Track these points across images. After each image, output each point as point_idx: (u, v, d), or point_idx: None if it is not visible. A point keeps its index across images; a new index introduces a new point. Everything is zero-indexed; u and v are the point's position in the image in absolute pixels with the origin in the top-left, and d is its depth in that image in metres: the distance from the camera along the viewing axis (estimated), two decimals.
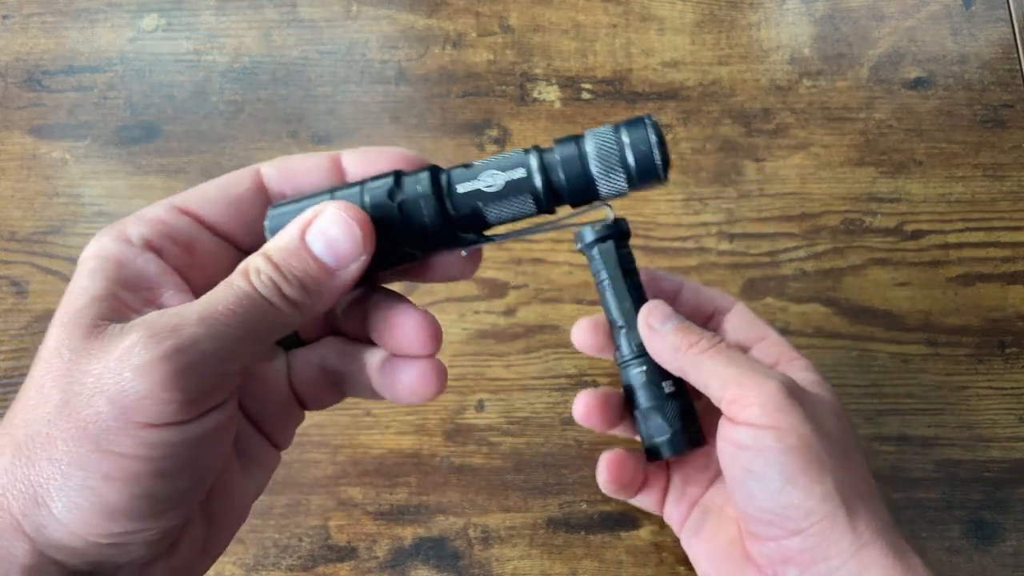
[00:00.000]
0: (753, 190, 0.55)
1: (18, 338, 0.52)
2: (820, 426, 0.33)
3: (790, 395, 0.33)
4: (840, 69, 0.58)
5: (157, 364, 0.23)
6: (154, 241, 0.28)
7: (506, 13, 0.60)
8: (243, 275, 0.26)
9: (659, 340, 0.37)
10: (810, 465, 0.32)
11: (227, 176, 0.30)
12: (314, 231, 0.26)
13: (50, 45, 0.59)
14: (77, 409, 0.24)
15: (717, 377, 0.35)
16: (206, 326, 0.24)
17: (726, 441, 0.34)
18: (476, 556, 0.48)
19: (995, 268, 0.53)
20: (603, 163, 0.27)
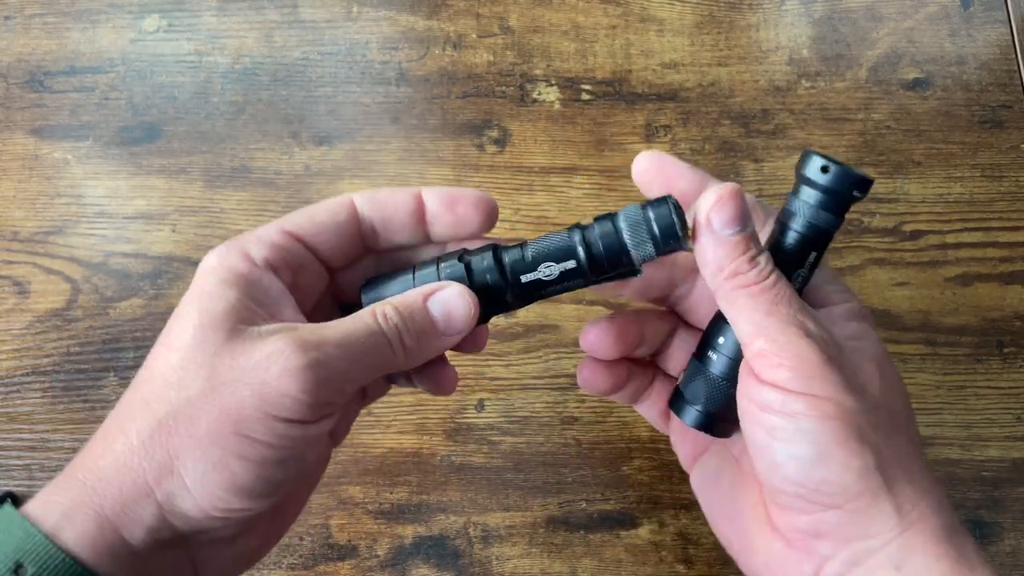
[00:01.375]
0: (752, 190, 0.55)
1: (20, 338, 0.52)
2: (863, 393, 0.30)
3: (828, 360, 0.29)
4: (839, 70, 0.59)
5: (301, 370, 0.27)
6: (273, 262, 0.31)
7: (506, 14, 0.60)
8: (373, 315, 0.30)
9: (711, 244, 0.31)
10: (849, 438, 0.29)
11: (327, 204, 0.33)
12: (437, 299, 0.31)
13: (52, 46, 0.59)
14: (222, 395, 0.27)
15: (748, 322, 0.31)
16: (343, 350, 0.29)
17: (749, 399, 0.31)
18: (476, 555, 0.48)
19: (993, 268, 0.54)
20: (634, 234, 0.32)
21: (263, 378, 0.27)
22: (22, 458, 0.50)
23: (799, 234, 0.32)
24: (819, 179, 0.31)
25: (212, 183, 0.56)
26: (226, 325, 0.29)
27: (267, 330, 0.29)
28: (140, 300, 0.53)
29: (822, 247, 0.32)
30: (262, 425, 0.27)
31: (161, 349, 0.29)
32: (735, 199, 0.31)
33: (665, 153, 0.35)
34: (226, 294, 0.29)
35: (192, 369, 0.28)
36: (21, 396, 0.51)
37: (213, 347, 0.28)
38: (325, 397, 0.28)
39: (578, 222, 0.33)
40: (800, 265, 0.32)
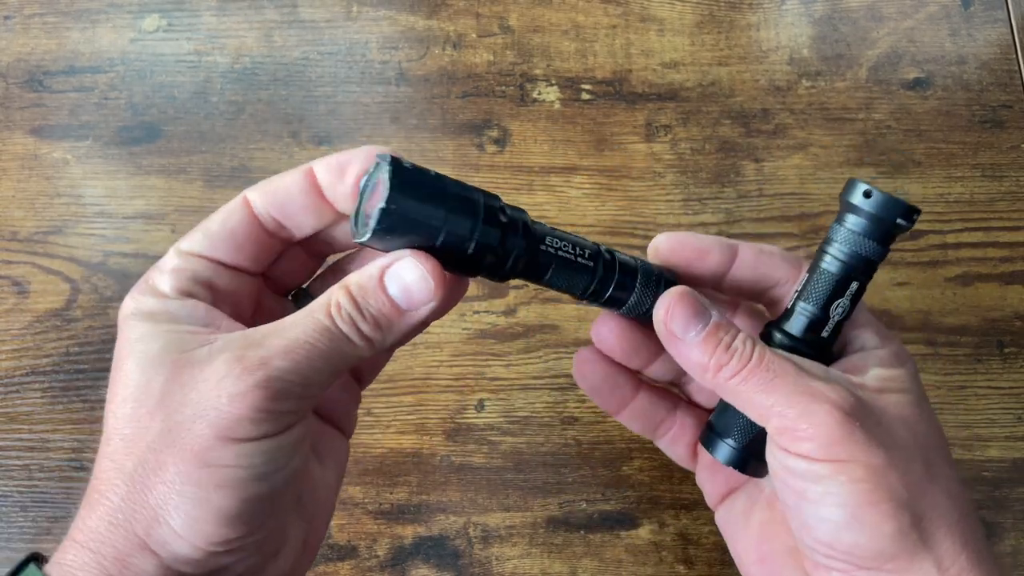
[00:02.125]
0: (752, 190, 0.55)
1: (19, 338, 0.52)
2: (892, 447, 0.29)
3: (848, 420, 0.28)
4: (839, 70, 0.59)
5: (249, 393, 0.26)
6: (183, 288, 0.30)
7: (506, 14, 0.60)
8: (325, 309, 0.28)
9: (682, 352, 0.31)
10: (880, 500, 0.28)
11: (222, 211, 0.32)
12: (393, 274, 0.28)
13: (51, 46, 0.59)
14: (180, 435, 0.27)
15: (754, 406, 0.30)
16: (290, 360, 0.27)
17: (777, 463, 0.30)
18: (476, 555, 0.48)
19: (993, 268, 0.54)
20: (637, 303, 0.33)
21: (215, 406, 0.26)
22: (21, 458, 0.50)
23: (840, 262, 0.31)
24: (863, 205, 0.31)
25: (212, 183, 0.55)
26: (166, 360, 0.28)
27: (212, 351, 0.28)
28: None
29: (865, 277, 0.32)
30: (227, 451, 0.27)
31: (110, 407, 0.28)
32: (682, 302, 0.31)
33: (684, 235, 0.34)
34: (155, 331, 0.28)
35: (145, 416, 0.27)
36: (20, 396, 0.51)
37: (159, 387, 0.27)
38: (283, 408, 0.27)
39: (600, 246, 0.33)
40: (840, 295, 0.31)
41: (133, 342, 0.29)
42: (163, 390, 0.27)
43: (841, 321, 0.32)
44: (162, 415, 0.27)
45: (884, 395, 0.30)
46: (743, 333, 0.31)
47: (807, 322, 0.32)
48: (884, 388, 0.31)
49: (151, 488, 0.27)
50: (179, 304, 0.30)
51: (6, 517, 0.48)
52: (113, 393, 0.28)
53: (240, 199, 0.31)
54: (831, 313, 0.31)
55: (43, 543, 0.48)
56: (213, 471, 0.27)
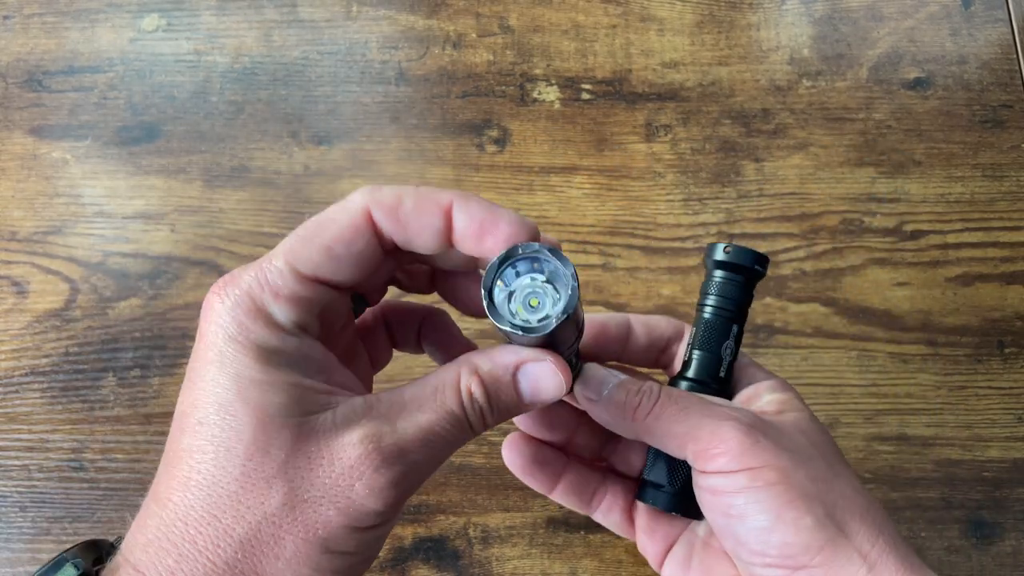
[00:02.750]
0: (752, 190, 0.55)
1: (19, 338, 0.52)
2: (795, 451, 0.32)
3: (751, 431, 0.32)
4: (839, 69, 0.58)
5: (388, 487, 0.26)
6: (303, 323, 0.27)
7: (506, 14, 0.60)
8: (456, 396, 0.28)
9: (603, 410, 0.34)
10: (794, 498, 0.31)
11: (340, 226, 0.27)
12: (527, 372, 0.29)
13: (51, 45, 0.59)
14: (305, 514, 0.26)
15: (671, 437, 0.33)
16: (427, 451, 0.27)
17: (701, 489, 0.33)
18: (476, 555, 0.48)
19: (994, 268, 0.54)
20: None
21: (348, 495, 0.26)
22: (20, 458, 0.50)
23: (718, 308, 0.37)
24: (724, 258, 0.36)
25: (211, 183, 0.55)
26: (288, 423, 0.26)
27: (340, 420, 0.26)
28: (139, 300, 0.53)
29: (742, 320, 0.37)
30: (351, 539, 0.26)
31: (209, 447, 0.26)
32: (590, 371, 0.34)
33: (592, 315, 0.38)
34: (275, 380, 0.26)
35: (262, 481, 0.25)
36: (20, 396, 0.51)
37: (282, 454, 0.25)
38: (406, 497, 0.28)
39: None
40: (726, 337, 0.37)
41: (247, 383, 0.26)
42: (287, 460, 0.26)
43: (731, 361, 0.37)
44: (285, 487, 0.26)
45: (780, 414, 0.34)
46: (648, 381, 0.34)
47: (704, 364, 0.37)
48: (779, 409, 0.34)
49: (262, 559, 0.26)
50: (297, 344, 0.27)
51: (5, 517, 0.48)
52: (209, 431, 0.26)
53: (363, 217, 0.28)
54: (723, 354, 0.37)
55: (42, 543, 0.48)
56: (333, 557, 0.26)
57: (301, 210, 0.55)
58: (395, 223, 0.28)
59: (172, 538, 0.26)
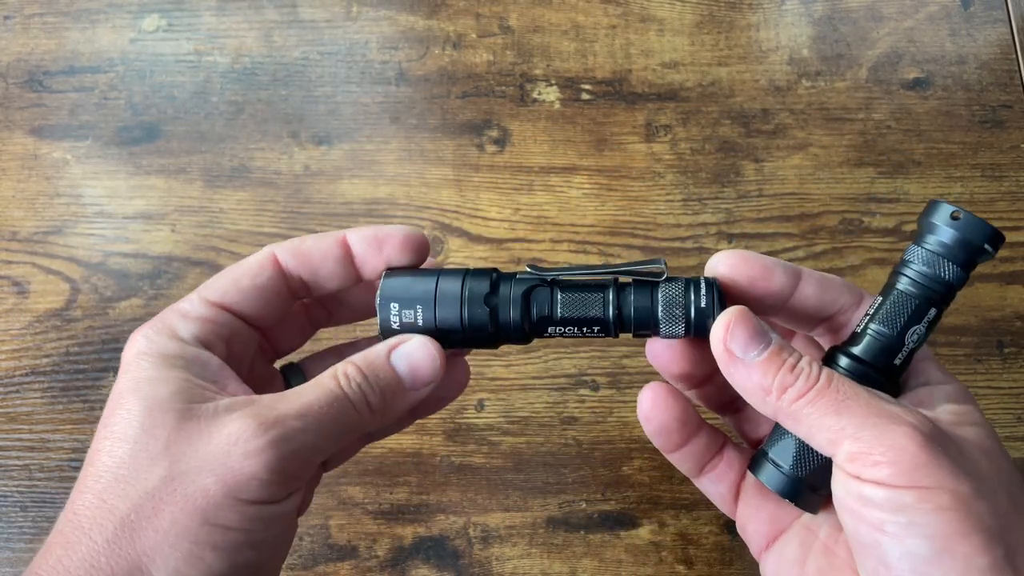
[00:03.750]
0: (752, 190, 0.55)
1: (19, 338, 0.52)
2: (977, 477, 0.27)
3: (929, 445, 0.26)
4: (839, 70, 0.59)
5: (264, 450, 0.27)
6: (204, 339, 0.30)
7: (506, 14, 0.60)
8: (334, 378, 0.29)
9: (742, 374, 0.29)
10: (971, 530, 0.26)
11: (247, 264, 0.32)
12: (400, 353, 0.30)
13: (51, 46, 0.59)
14: (184, 485, 0.26)
15: (823, 429, 0.28)
16: (304, 421, 0.28)
17: (848, 494, 0.28)
18: (476, 555, 0.48)
19: (993, 268, 0.54)
20: (668, 313, 0.31)
21: (226, 463, 0.26)
22: (21, 458, 0.50)
23: (920, 286, 0.30)
24: (949, 227, 0.29)
25: (212, 183, 0.55)
26: (175, 408, 0.27)
27: (222, 407, 0.28)
28: (139, 300, 0.53)
29: (944, 304, 0.30)
30: (232, 511, 0.26)
31: (105, 443, 0.27)
32: (743, 320, 0.29)
33: (747, 252, 0.32)
34: (167, 376, 0.28)
35: (146, 459, 0.27)
36: (20, 396, 0.51)
37: (165, 433, 0.27)
38: (293, 472, 0.28)
39: (616, 277, 0.32)
40: (918, 320, 0.30)
41: (140, 381, 0.28)
42: (170, 438, 0.27)
43: (914, 350, 0.30)
44: (166, 462, 0.27)
45: (960, 428, 0.29)
46: (807, 356, 0.29)
47: (880, 347, 0.30)
48: (959, 421, 0.29)
49: (141, 533, 0.26)
50: (196, 353, 0.30)
51: (6, 517, 0.48)
52: (109, 429, 0.28)
53: (268, 256, 0.32)
54: (906, 340, 0.30)
55: (42, 543, 0.48)
56: (213, 530, 0.26)
57: (301, 210, 0.55)
58: (297, 257, 0.32)
59: (64, 530, 0.27)
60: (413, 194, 0.55)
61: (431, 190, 0.55)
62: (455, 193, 0.55)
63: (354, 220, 0.54)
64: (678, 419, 0.33)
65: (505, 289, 0.32)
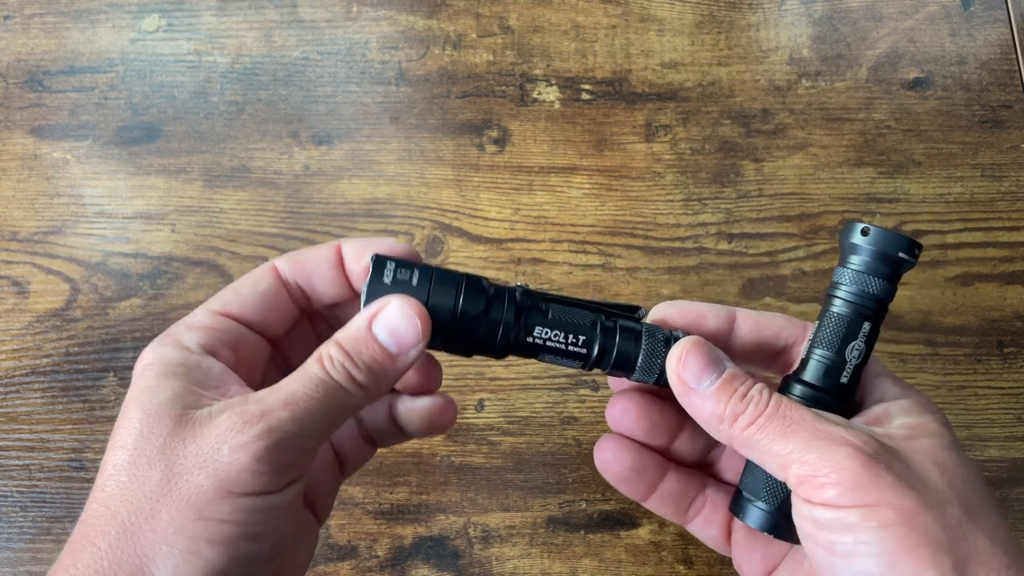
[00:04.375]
0: (752, 190, 0.55)
1: (19, 338, 0.52)
2: (924, 489, 0.27)
3: (873, 462, 0.27)
4: (839, 70, 0.59)
5: (251, 443, 0.27)
6: (208, 346, 0.31)
7: (506, 14, 0.60)
8: (318, 362, 0.29)
9: (696, 404, 0.30)
10: (917, 544, 0.26)
11: (250, 275, 0.33)
12: (379, 321, 0.30)
13: (51, 46, 0.59)
14: (178, 485, 0.27)
15: (773, 455, 0.29)
16: (289, 410, 0.28)
17: (802, 517, 0.29)
18: (476, 555, 0.48)
19: (993, 268, 0.54)
20: (647, 361, 0.32)
21: (215, 459, 0.27)
22: (21, 458, 0.50)
23: (849, 303, 0.31)
24: (863, 243, 0.30)
25: (211, 183, 0.55)
26: (172, 413, 0.28)
27: (216, 409, 0.28)
28: (139, 300, 0.53)
29: (877, 317, 0.31)
30: (225, 505, 0.27)
31: (110, 454, 0.28)
32: (695, 351, 0.30)
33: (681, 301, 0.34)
34: (166, 384, 0.29)
35: (144, 464, 0.27)
36: (20, 396, 0.51)
37: (161, 438, 0.28)
38: (283, 461, 0.28)
39: (604, 309, 0.33)
40: (854, 336, 0.31)
41: (142, 391, 0.29)
42: (164, 441, 0.28)
43: (859, 365, 0.31)
44: (162, 465, 0.27)
45: (912, 441, 0.29)
46: (759, 383, 0.30)
47: (824, 368, 0.31)
48: (912, 435, 0.29)
49: (141, 536, 0.27)
50: (198, 359, 0.30)
51: (6, 517, 0.48)
52: (114, 440, 0.29)
53: (268, 267, 0.33)
54: (847, 356, 0.31)
55: (42, 543, 0.48)
56: (208, 524, 0.27)
57: (301, 210, 0.55)
58: (294, 265, 0.33)
59: (72, 540, 0.28)
60: (413, 194, 0.55)
61: (431, 190, 0.55)
62: (455, 193, 0.55)
63: (354, 220, 0.54)
64: (632, 468, 0.34)
65: (497, 305, 0.32)
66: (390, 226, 0.54)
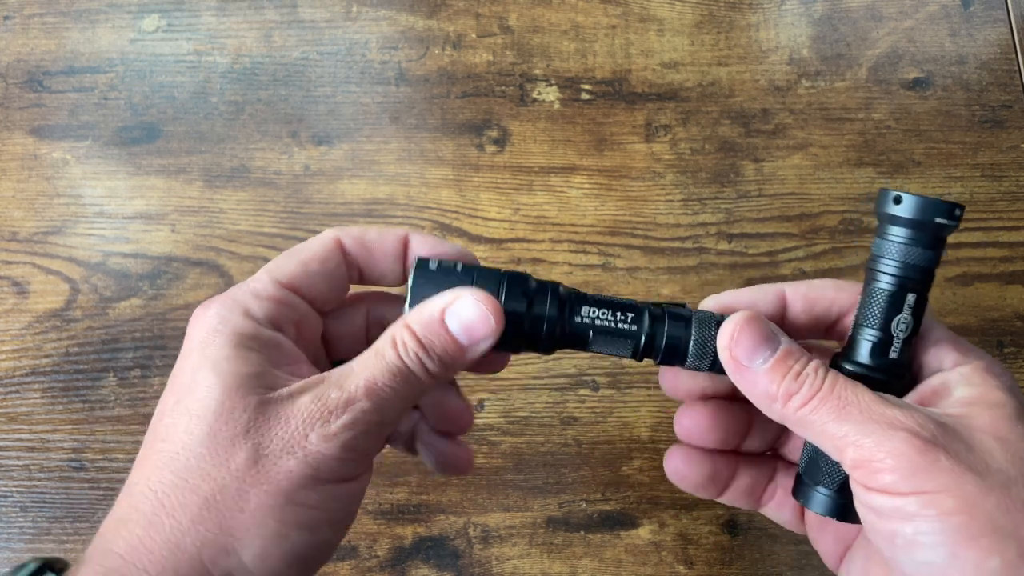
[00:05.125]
0: (752, 190, 0.55)
1: (19, 338, 0.52)
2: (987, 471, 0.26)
3: (930, 447, 0.26)
4: (839, 70, 0.59)
5: (340, 432, 0.27)
6: (276, 320, 0.30)
7: (506, 14, 0.60)
8: (392, 347, 0.29)
9: (748, 381, 0.29)
10: (980, 533, 0.25)
11: (316, 249, 0.32)
12: (452, 312, 0.30)
13: (51, 46, 0.59)
14: (267, 468, 0.27)
15: (827, 437, 0.28)
16: (372, 400, 0.28)
17: (861, 505, 0.28)
18: (476, 555, 0.48)
19: (993, 268, 0.54)
20: (698, 349, 0.31)
21: (304, 446, 0.27)
22: (21, 458, 0.50)
23: (889, 275, 0.30)
24: (898, 212, 0.29)
25: (211, 183, 0.55)
26: (256, 392, 0.28)
27: (296, 390, 0.28)
28: (139, 300, 0.53)
29: (921, 287, 0.30)
30: (314, 491, 0.27)
31: (182, 419, 0.28)
32: (749, 327, 0.29)
33: (727, 292, 0.33)
34: (246, 358, 0.28)
35: (226, 441, 0.27)
36: (20, 396, 0.51)
37: (245, 416, 0.27)
38: (365, 449, 0.29)
39: (650, 302, 0.32)
40: (898, 310, 0.30)
41: (217, 360, 0.28)
42: (250, 421, 0.27)
43: (908, 338, 0.30)
44: (250, 445, 0.27)
45: (973, 415, 0.28)
46: (815, 360, 0.29)
47: (871, 346, 0.30)
48: (971, 410, 0.28)
49: (228, 514, 0.27)
50: (271, 335, 0.30)
51: (6, 517, 0.48)
52: (184, 405, 0.28)
53: (334, 241, 0.32)
54: (894, 331, 0.30)
55: (42, 543, 0.48)
56: (298, 510, 0.27)
57: (301, 210, 0.55)
58: (361, 247, 0.32)
59: (142, 508, 0.27)
60: (413, 194, 0.55)
61: (431, 190, 0.55)
62: (455, 193, 0.55)
63: (354, 220, 0.54)
64: (707, 476, 0.34)
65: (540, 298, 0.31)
66: (390, 226, 0.54)
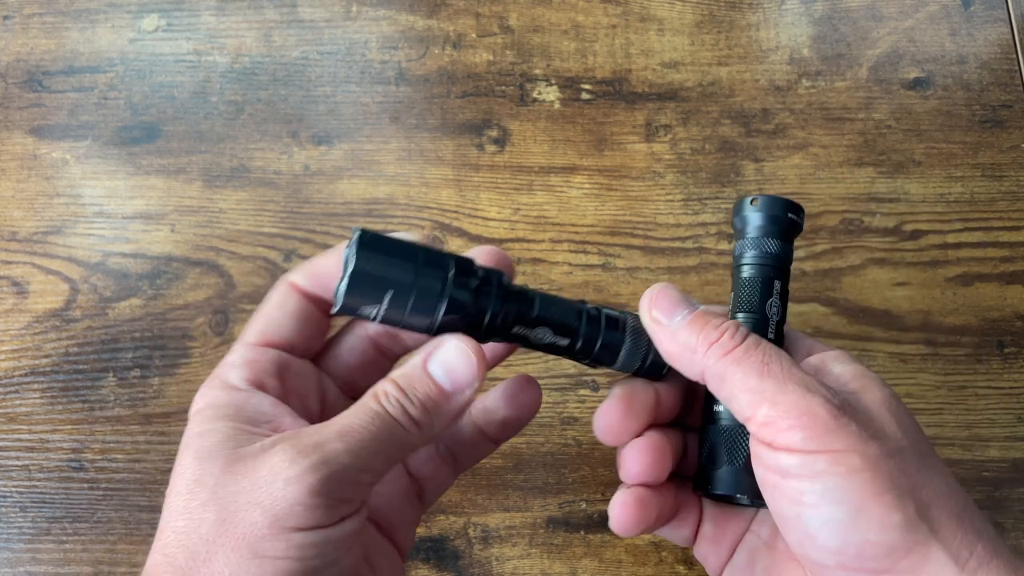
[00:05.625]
0: (752, 190, 0.55)
1: (19, 338, 0.52)
2: (885, 438, 0.28)
3: (840, 414, 0.28)
4: (839, 69, 0.59)
5: (305, 475, 0.26)
6: (254, 380, 0.31)
7: (506, 14, 0.60)
8: (374, 397, 0.29)
9: (668, 338, 0.31)
10: (882, 489, 0.27)
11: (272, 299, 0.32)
12: (435, 360, 0.30)
13: (51, 45, 0.59)
14: (233, 524, 0.26)
15: (745, 391, 0.29)
16: (344, 442, 0.27)
17: (765, 468, 0.29)
18: (476, 555, 0.48)
19: (994, 268, 0.54)
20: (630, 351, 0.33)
21: (269, 493, 0.26)
22: (20, 459, 0.50)
23: (756, 266, 0.34)
24: (753, 211, 0.34)
25: (211, 183, 0.55)
26: (223, 454, 0.28)
27: (267, 444, 0.28)
28: (139, 300, 0.53)
29: (784, 275, 0.34)
30: (279, 541, 0.26)
31: (166, 501, 0.28)
32: (665, 290, 0.32)
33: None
34: (216, 427, 0.28)
35: (198, 507, 0.27)
36: (20, 396, 0.51)
37: (212, 479, 0.27)
38: (338, 494, 0.27)
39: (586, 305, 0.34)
40: (769, 295, 0.33)
41: (193, 436, 0.29)
42: (217, 482, 0.27)
43: (779, 321, 0.34)
44: (216, 506, 0.27)
45: (867, 393, 0.30)
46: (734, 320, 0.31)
47: (750, 327, 0.33)
48: (864, 387, 0.30)
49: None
50: (246, 396, 0.30)
51: (5, 517, 0.48)
52: (169, 488, 0.28)
53: (285, 286, 0.32)
54: (768, 313, 0.33)
55: (42, 543, 0.48)
56: (264, 562, 0.26)
57: (301, 210, 0.55)
58: (314, 279, 0.32)
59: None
60: (413, 194, 0.55)
61: (431, 190, 0.55)
62: (455, 193, 0.55)
63: (354, 220, 0.54)
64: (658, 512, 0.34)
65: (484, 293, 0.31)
66: (390, 226, 0.54)
